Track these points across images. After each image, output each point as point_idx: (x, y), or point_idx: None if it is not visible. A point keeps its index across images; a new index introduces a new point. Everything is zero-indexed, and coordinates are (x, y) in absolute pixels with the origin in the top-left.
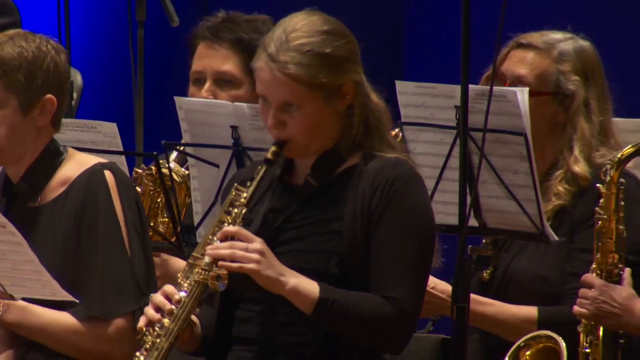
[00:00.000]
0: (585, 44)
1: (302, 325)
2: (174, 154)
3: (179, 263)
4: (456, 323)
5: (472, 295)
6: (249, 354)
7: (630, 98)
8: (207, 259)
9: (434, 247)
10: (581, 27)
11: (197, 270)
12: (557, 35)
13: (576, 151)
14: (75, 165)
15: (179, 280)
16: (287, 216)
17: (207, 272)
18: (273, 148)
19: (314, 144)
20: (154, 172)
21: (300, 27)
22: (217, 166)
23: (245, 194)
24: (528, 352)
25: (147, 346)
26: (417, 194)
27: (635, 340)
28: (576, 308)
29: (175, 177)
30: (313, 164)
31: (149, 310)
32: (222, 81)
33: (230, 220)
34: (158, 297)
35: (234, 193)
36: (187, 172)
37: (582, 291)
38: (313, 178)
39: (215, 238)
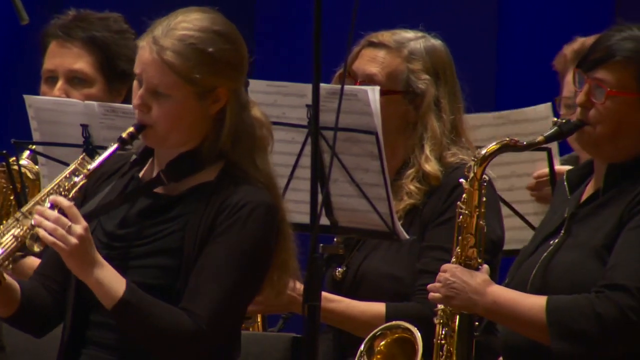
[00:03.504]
0: (436, 42)
1: None
2: (26, 152)
3: (30, 261)
4: (307, 321)
5: (322, 293)
6: (104, 358)
7: (481, 97)
8: (32, 222)
9: (260, 283)
10: (433, 26)
11: (19, 225)
12: (408, 34)
13: (427, 150)
14: None
15: (1, 232)
16: (135, 229)
17: (29, 231)
18: (130, 129)
19: (172, 136)
20: (6, 169)
21: (192, 19)
22: (68, 165)
23: (89, 166)
24: (383, 342)
25: None
26: (258, 225)
27: (491, 337)
28: (430, 294)
29: (28, 174)
30: (170, 161)
31: None
32: (75, 80)
33: (67, 187)
34: None
35: (79, 160)
36: (40, 171)
37: (437, 277)
38: (165, 175)
39: (47, 201)
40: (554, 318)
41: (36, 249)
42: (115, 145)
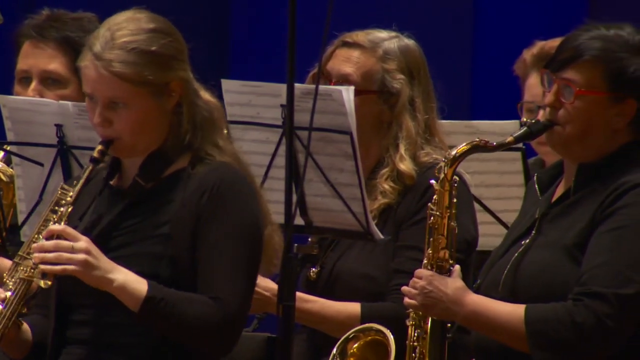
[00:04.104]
0: (410, 42)
1: (135, 326)
2: (1, 153)
3: (2, 262)
4: (282, 322)
5: (297, 293)
6: (82, 354)
7: (453, 98)
8: (33, 260)
9: (262, 249)
10: (406, 26)
11: (22, 268)
12: (382, 34)
13: (402, 149)
14: None
15: (5, 280)
16: (115, 222)
17: (32, 270)
18: (99, 147)
19: (140, 142)
20: None
21: (126, 25)
22: (42, 165)
23: (71, 193)
24: (356, 345)
25: None
26: (243, 197)
27: (464, 336)
28: (406, 300)
29: (2, 177)
30: (141, 164)
31: None
32: (49, 80)
33: (56, 219)
34: None
35: (59, 192)
36: (14, 171)
37: (412, 282)
38: (141, 178)
39: (41, 237)
40: (533, 328)
41: (43, 285)
42: (90, 167)
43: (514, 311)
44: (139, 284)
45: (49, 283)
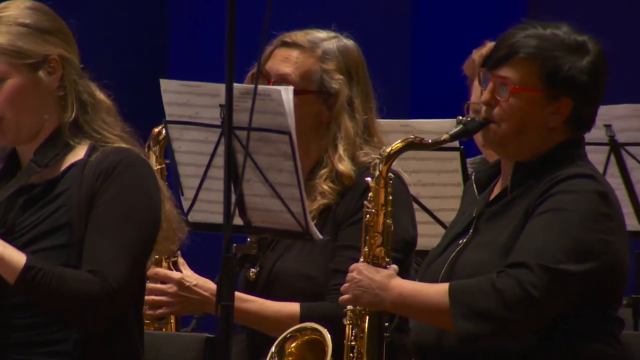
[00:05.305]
0: (349, 43)
1: (52, 324)
2: None
3: None
4: (221, 322)
5: (236, 293)
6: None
7: (392, 98)
8: None
9: (155, 232)
10: (345, 27)
11: None
12: (321, 34)
13: (340, 150)
14: None
15: None
16: (16, 220)
17: None
18: None
19: (25, 122)
20: None
21: (5, 6)
22: None
23: None
24: (293, 344)
25: None
26: (138, 178)
27: (402, 335)
28: (340, 297)
29: None
30: (36, 149)
31: None
32: None
33: None
34: None
35: None
36: None
37: (347, 277)
38: (36, 162)
39: None
40: (455, 299)
41: None
42: None
43: (439, 289)
44: (18, 255)
45: None
